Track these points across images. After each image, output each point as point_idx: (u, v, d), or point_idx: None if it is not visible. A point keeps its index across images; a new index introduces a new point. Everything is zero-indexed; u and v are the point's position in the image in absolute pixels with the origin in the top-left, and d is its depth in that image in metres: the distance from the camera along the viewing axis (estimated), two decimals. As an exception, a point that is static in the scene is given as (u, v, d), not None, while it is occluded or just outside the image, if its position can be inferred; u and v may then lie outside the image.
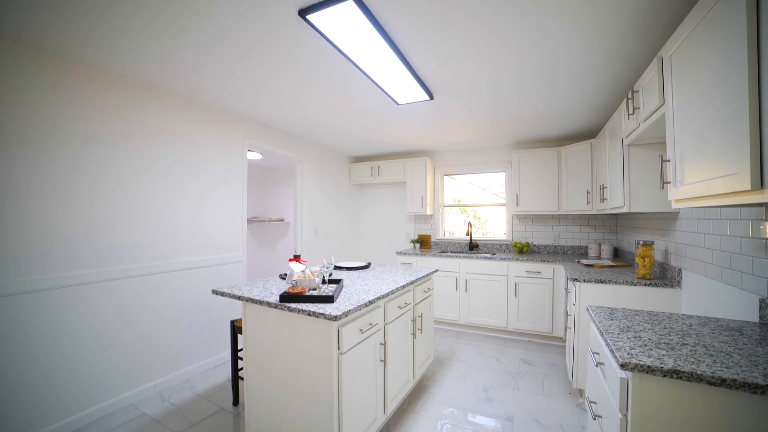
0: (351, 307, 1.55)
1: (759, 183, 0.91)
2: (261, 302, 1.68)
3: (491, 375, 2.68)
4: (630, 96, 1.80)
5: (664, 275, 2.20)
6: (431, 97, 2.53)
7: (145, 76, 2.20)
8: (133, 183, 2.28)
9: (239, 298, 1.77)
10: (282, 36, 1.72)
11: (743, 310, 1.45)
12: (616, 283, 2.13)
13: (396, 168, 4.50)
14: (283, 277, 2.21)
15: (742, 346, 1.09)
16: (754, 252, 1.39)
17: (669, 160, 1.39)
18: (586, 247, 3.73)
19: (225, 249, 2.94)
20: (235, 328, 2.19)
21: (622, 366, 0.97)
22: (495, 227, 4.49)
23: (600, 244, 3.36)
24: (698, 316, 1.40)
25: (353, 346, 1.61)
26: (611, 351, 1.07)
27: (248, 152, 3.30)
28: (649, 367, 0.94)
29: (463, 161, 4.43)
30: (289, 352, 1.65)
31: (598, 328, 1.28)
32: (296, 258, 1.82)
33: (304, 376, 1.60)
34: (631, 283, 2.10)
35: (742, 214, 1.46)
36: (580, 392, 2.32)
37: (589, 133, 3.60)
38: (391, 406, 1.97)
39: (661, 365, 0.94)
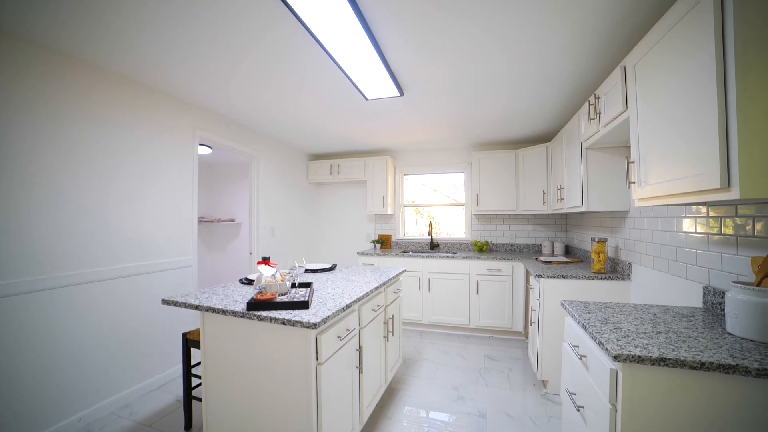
0: (329, 313, 1.43)
1: (726, 182, 1.00)
2: (225, 312, 1.48)
3: (459, 373, 2.71)
4: (592, 101, 1.93)
5: (615, 269, 2.40)
6: (401, 94, 2.49)
7: (66, 46, 1.85)
8: (55, 178, 1.90)
9: (197, 307, 1.55)
10: (245, 12, 1.55)
11: (688, 297, 1.61)
12: (576, 278, 2.27)
13: (357, 167, 4.41)
14: (245, 281, 1.99)
15: (702, 330, 1.20)
16: (698, 246, 1.55)
17: (633, 162, 1.49)
18: (540, 245, 3.97)
19: (172, 252, 2.60)
20: (189, 342, 1.93)
21: (615, 358, 0.99)
22: (448, 228, 4.58)
23: (553, 242, 3.60)
24: (658, 306, 1.52)
25: (331, 355, 1.49)
26: (600, 344, 1.10)
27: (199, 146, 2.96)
28: (639, 357, 0.98)
29: (424, 161, 4.48)
30: (258, 366, 1.47)
31: (579, 322, 1.32)
32: (265, 261, 1.64)
33: (276, 392, 1.44)
34: (589, 278, 2.26)
35: (687, 211, 1.63)
36: (544, 383, 2.44)
37: (544, 137, 3.84)
38: (367, 414, 1.88)
39: (649, 354, 0.98)
